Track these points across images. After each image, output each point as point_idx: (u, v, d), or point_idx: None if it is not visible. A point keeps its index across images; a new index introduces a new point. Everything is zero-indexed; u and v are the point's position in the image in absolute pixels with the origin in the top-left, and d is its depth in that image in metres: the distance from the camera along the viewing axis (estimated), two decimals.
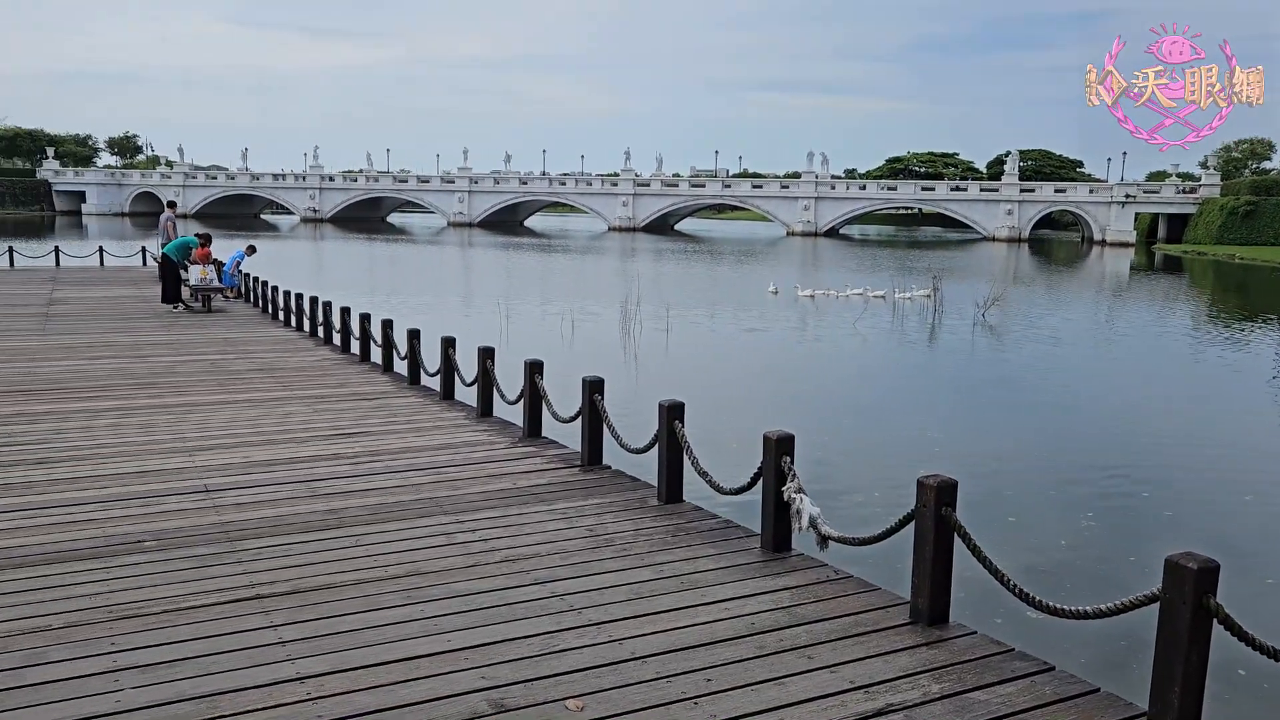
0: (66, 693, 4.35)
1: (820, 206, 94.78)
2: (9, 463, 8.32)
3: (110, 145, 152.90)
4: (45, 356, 14.22)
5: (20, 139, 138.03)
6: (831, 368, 20.75)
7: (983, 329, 26.39)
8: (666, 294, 32.62)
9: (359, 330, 14.52)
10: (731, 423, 13.50)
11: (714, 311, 29.86)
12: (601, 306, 29.22)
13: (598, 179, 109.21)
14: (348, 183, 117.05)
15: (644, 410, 10.11)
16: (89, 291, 24.18)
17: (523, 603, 5.43)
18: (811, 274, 44.92)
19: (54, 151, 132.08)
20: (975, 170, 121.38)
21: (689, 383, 16.39)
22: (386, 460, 8.58)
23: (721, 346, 23.17)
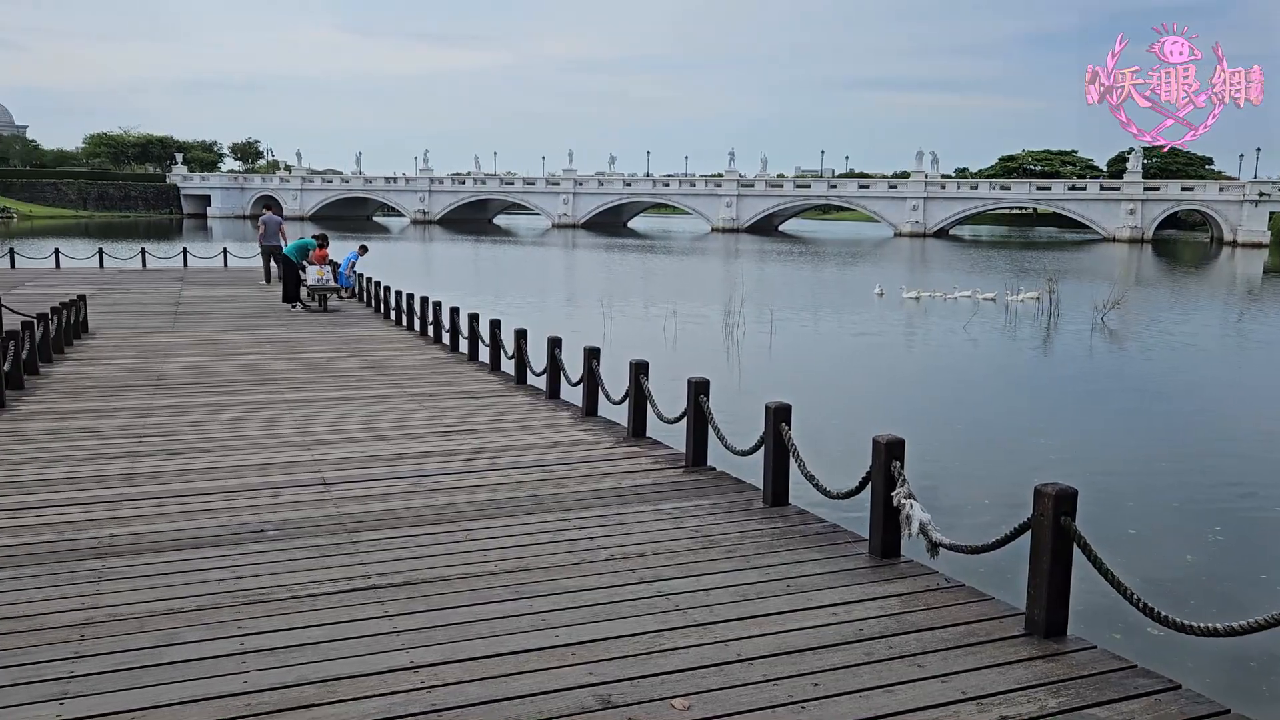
0: (198, 672, 4.56)
1: (929, 206, 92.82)
2: (143, 453, 8.78)
3: (234, 150, 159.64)
4: (175, 353, 14.93)
5: (152, 145, 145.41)
6: (940, 371, 20.28)
7: (1102, 333, 25.44)
8: (770, 295, 32.42)
9: (467, 330, 14.84)
10: (836, 426, 13.34)
11: (818, 313, 29.54)
12: (704, 308, 29.19)
13: (701, 180, 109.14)
14: (456, 185, 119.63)
15: (748, 412, 10.07)
16: (214, 291, 25.30)
17: (628, 601, 5.47)
18: (919, 275, 44.00)
19: (182, 157, 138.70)
20: (1095, 168, 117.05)
21: (792, 385, 16.24)
22: (494, 457, 8.74)
23: (826, 349, 22.89)
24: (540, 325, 15.28)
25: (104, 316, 19.08)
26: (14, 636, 4.91)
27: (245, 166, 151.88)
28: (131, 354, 14.78)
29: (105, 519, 6.85)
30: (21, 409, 10.67)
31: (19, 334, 12.49)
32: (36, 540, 6.39)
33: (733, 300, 26.61)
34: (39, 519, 6.83)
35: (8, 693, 4.33)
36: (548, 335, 11.88)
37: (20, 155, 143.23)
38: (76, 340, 16.00)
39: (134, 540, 6.42)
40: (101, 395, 11.54)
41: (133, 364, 13.85)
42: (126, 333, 17.14)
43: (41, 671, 4.53)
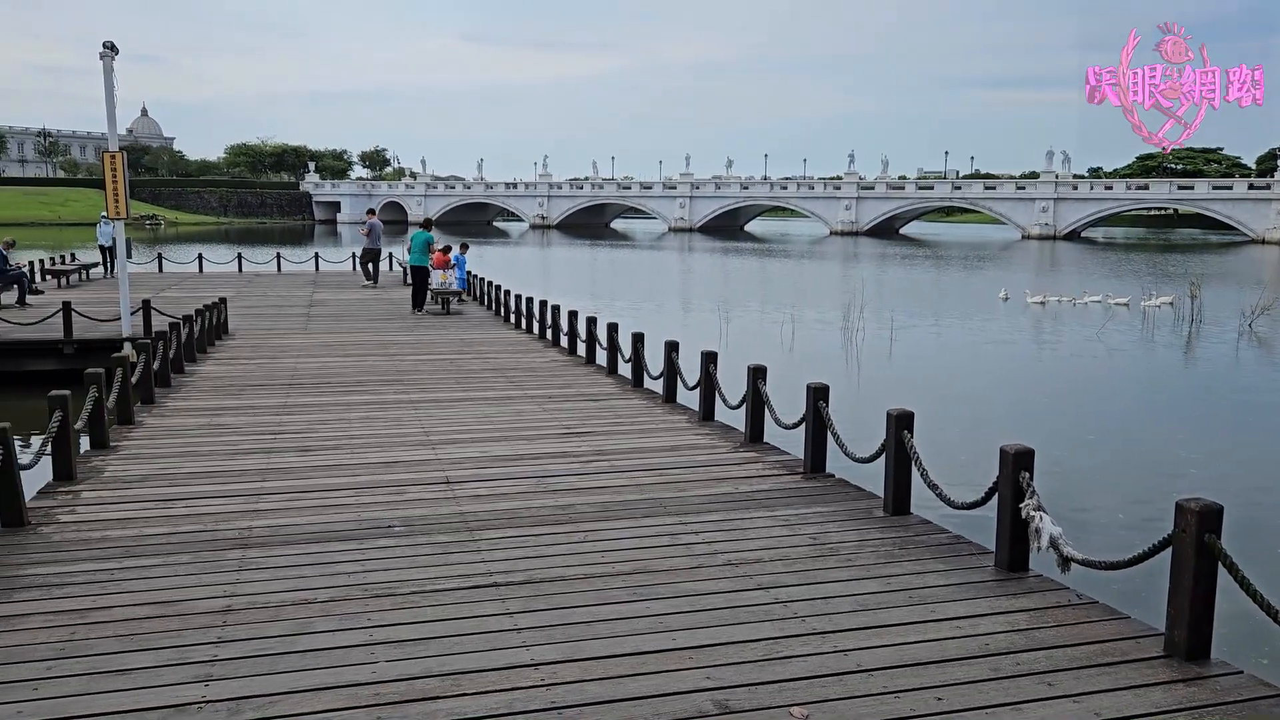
0: (330, 661, 4.75)
1: (1059, 208, 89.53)
2: (278, 449, 9.18)
3: (362, 159, 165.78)
4: (308, 353, 15.56)
5: (287, 155, 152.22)
6: (1070, 379, 19.50)
7: (1250, 340, 24.05)
8: (890, 300, 31.79)
9: (585, 333, 15.02)
10: (959, 435, 13.00)
11: (940, 318, 28.81)
12: (822, 312, 28.82)
13: (820, 182, 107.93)
14: (574, 190, 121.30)
15: (867, 419, 9.89)
16: (343, 294, 26.27)
17: (746, 607, 5.44)
18: (1046, 279, 42.43)
19: (314, 166, 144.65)
20: (1242, 166, 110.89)
21: (914, 392, 15.88)
22: (612, 460, 8.82)
23: (948, 355, 22.30)
24: (657, 329, 15.34)
25: (242, 318, 20.04)
26: (165, 620, 5.20)
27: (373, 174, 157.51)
28: (268, 354, 15.47)
29: (245, 511, 7.19)
30: (168, 405, 11.29)
31: (167, 335, 13.24)
32: (183, 530, 6.75)
33: (852, 305, 26.19)
34: (185, 510, 7.21)
35: (160, 672, 4.59)
36: (665, 339, 11.92)
37: (168, 165, 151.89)
38: (218, 341, 16.84)
39: (271, 533, 6.72)
40: (240, 393, 12.12)
41: (269, 364, 14.50)
42: (263, 334, 17.96)
43: (189, 654, 4.79)
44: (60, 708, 4.25)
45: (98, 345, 16.34)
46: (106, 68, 15.78)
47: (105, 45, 15.79)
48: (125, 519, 7.00)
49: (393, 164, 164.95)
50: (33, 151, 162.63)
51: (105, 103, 15.92)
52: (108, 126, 16.33)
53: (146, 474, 8.25)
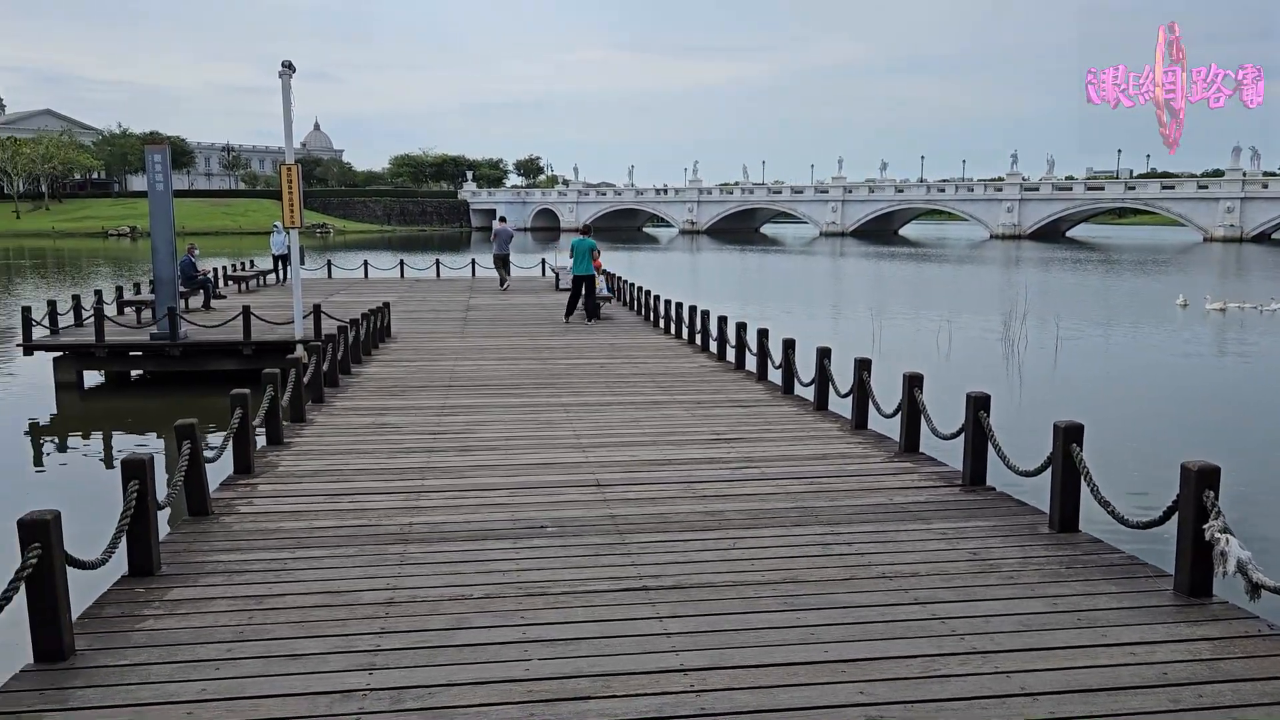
0: (485, 656, 4.86)
1: (1247, 208, 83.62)
2: (438, 449, 9.50)
3: (518, 167, 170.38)
4: (465, 357, 16.07)
5: (446, 164, 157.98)
6: (1257, 392, 18.15)
7: None
8: (1055, 307, 30.39)
9: (735, 338, 14.95)
10: (1132, 450, 12.30)
11: (1110, 326, 27.34)
12: (982, 319, 27.81)
13: (980, 184, 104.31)
14: (723, 195, 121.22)
15: (1030, 431, 9.48)
16: (498, 299, 27.02)
17: (901, 621, 5.28)
18: (1231, 285, 39.66)
19: (472, 175, 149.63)
20: None
21: (1081, 403, 15.12)
22: (762, 467, 8.73)
23: (1119, 365, 21.12)
24: (807, 335, 15.13)
25: (404, 322, 20.88)
26: (332, 609, 5.45)
27: (527, 182, 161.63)
28: (428, 357, 16.06)
29: (406, 508, 7.46)
30: (336, 405, 11.86)
31: (336, 338, 13.92)
32: (350, 524, 7.07)
33: (1013, 312, 25.16)
34: (352, 505, 7.55)
35: (327, 659, 4.81)
36: (816, 345, 11.74)
37: (337, 177, 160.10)
38: (381, 343, 17.60)
39: (430, 529, 6.95)
40: (402, 394, 12.61)
41: (429, 366, 15.05)
42: (423, 337, 18.66)
43: (354, 643, 5.00)
44: (238, 688, 4.51)
45: (273, 347, 17.35)
46: (285, 85, 16.75)
47: (284, 65, 16.76)
48: (297, 511, 7.39)
49: (546, 172, 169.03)
50: (217, 165, 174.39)
51: (283, 118, 16.92)
52: (285, 141, 17.33)
53: (317, 469, 8.68)
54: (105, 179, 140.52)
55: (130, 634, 5.11)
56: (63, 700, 4.40)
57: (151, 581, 5.85)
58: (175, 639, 5.05)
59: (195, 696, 4.42)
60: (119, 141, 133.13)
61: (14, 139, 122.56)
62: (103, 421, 15.84)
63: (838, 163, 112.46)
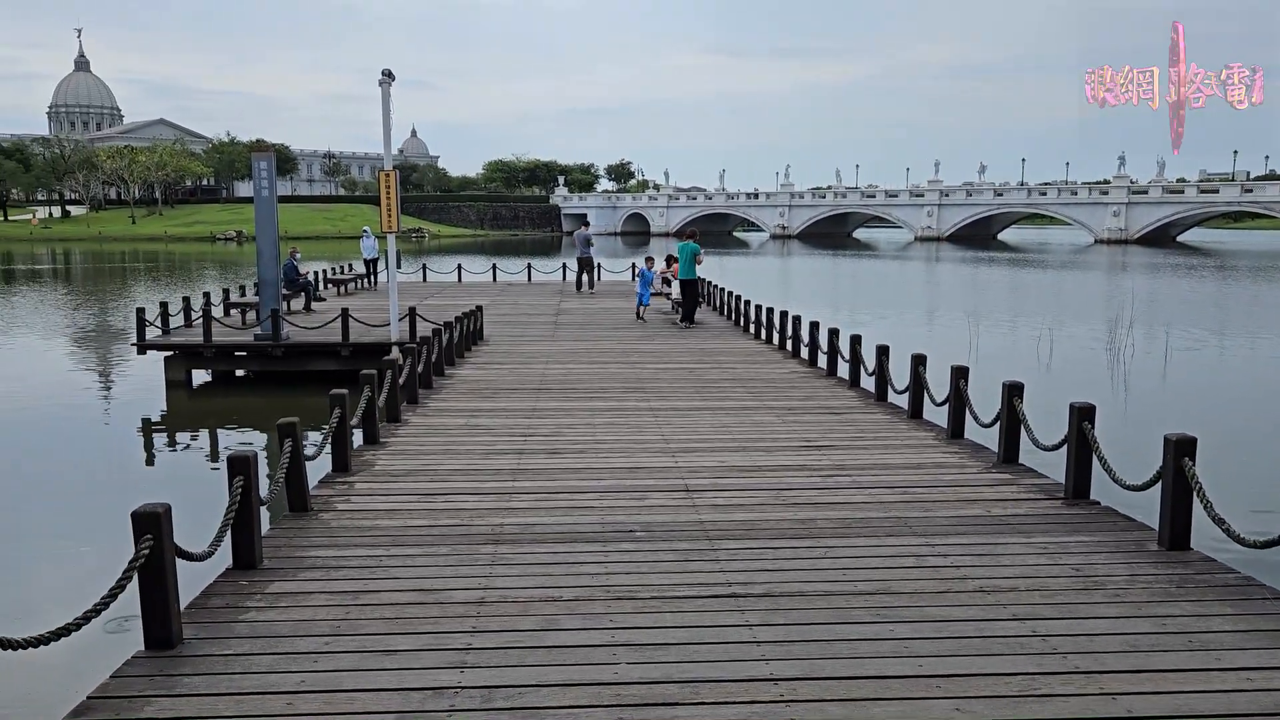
0: (574, 658, 4.88)
1: None
2: (529, 450, 9.59)
3: (608, 172, 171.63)
4: (555, 360, 16.22)
5: (538, 170, 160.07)
6: None
7: None
8: (1164, 315, 29.25)
9: (826, 344, 14.76)
10: (1245, 466, 11.75)
11: (1224, 336, 26.17)
12: (1085, 327, 26.92)
13: (1084, 187, 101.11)
14: (815, 199, 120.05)
15: (1136, 443, 9.14)
16: (588, 304, 27.21)
17: (999, 638, 5.12)
18: None
19: (563, 180, 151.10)
20: None
21: (1191, 416, 14.51)
22: (854, 475, 8.59)
23: (1234, 376, 20.20)
24: (901, 341, 14.84)
25: (496, 325, 21.18)
26: (425, 607, 5.54)
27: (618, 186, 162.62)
28: (519, 360, 16.26)
29: (497, 509, 7.55)
30: (430, 405, 12.08)
31: (430, 340, 14.19)
32: (443, 524, 7.18)
33: (1118, 320, 24.29)
34: (445, 504, 7.67)
35: (421, 656, 4.89)
36: (911, 352, 11.51)
37: (432, 182, 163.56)
38: (474, 346, 17.88)
39: (521, 530, 7.02)
40: (494, 396, 12.78)
41: (520, 369, 15.23)
42: (514, 340, 18.90)
43: (446, 641, 5.07)
44: (335, 681, 4.61)
45: (370, 348, 17.78)
46: (384, 94, 17.16)
47: (384, 73, 17.18)
48: (392, 510, 7.54)
49: (637, 176, 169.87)
50: (319, 172, 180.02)
51: (382, 126, 17.34)
52: (383, 147, 17.75)
53: (411, 469, 8.85)
54: (214, 185, 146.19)
55: (234, 625, 5.28)
56: (171, 686, 4.56)
57: (254, 575, 6.04)
58: (276, 631, 5.20)
59: (294, 688, 4.54)
60: (227, 149, 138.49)
61: (131, 148, 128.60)
62: (209, 419, 16.45)
63: (934, 166, 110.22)
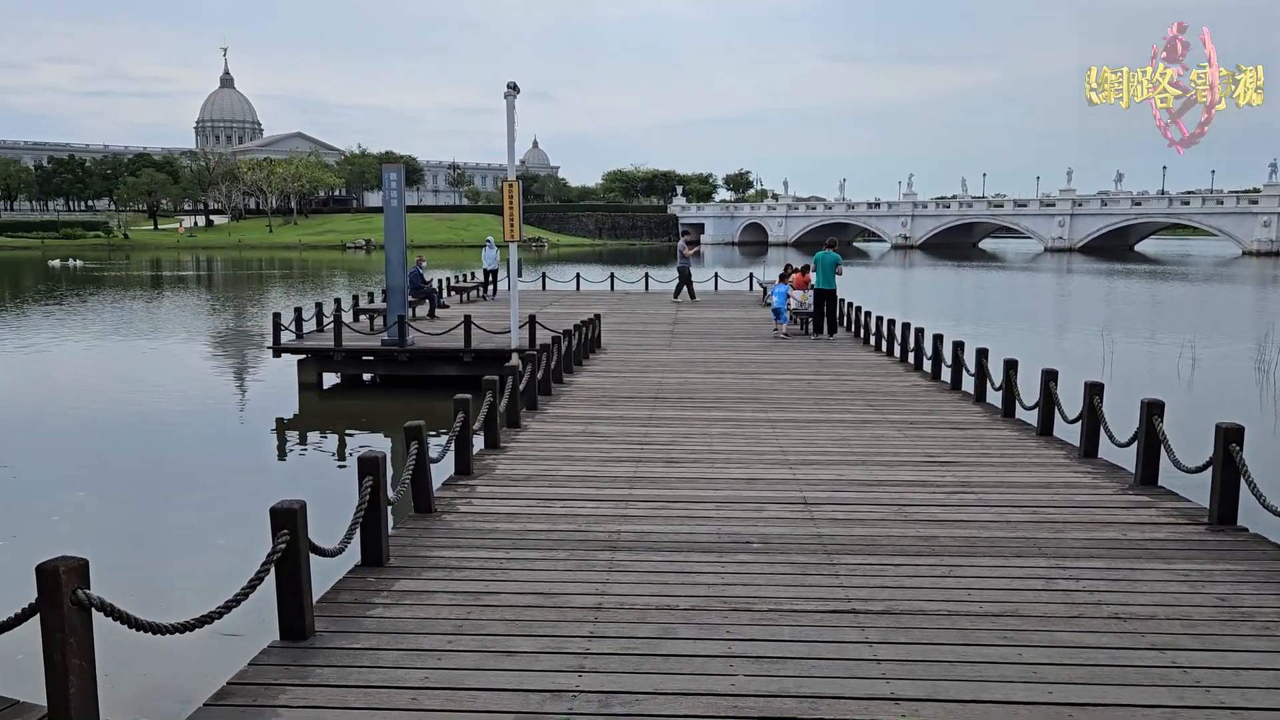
0: (691, 668, 4.87)
1: None
2: (645, 459, 9.63)
3: (727, 181, 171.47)
4: (672, 369, 16.24)
5: (656, 180, 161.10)
6: None
7: None
8: None
9: (951, 358, 14.37)
10: None
11: None
12: (1231, 343, 25.51)
13: (1230, 196, 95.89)
14: (939, 209, 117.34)
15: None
16: (705, 313, 27.17)
17: (1136, 668, 4.88)
18: None
19: (681, 189, 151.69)
20: None
21: None
22: (979, 493, 8.33)
23: None
24: (1030, 356, 14.33)
25: (613, 334, 21.35)
26: (544, 610, 5.62)
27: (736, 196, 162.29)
28: (636, 368, 16.35)
29: (615, 516, 7.60)
30: (549, 412, 12.26)
31: (549, 348, 14.41)
32: (561, 529, 7.27)
33: (1268, 336, 22.93)
34: (563, 510, 7.77)
35: (539, 658, 4.96)
36: (1041, 367, 11.10)
37: (552, 192, 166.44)
38: (591, 354, 18.07)
39: (638, 538, 7.05)
40: (611, 404, 12.89)
41: (636, 377, 15.31)
42: (631, 349, 19.01)
43: (564, 644, 5.13)
44: (457, 679, 4.72)
45: (491, 355, 18.18)
46: (509, 106, 17.54)
47: (509, 86, 17.57)
48: (512, 513, 7.67)
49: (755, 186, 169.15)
50: (444, 182, 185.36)
51: (506, 137, 17.72)
52: (507, 158, 18.13)
53: (530, 474, 8.99)
54: (345, 196, 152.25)
55: (362, 619, 5.46)
56: (304, 676, 4.75)
57: (381, 572, 6.23)
58: (401, 627, 5.35)
59: (419, 683, 4.66)
60: (358, 161, 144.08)
61: (270, 160, 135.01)
62: (337, 420, 17.08)
63: (1066, 174, 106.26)
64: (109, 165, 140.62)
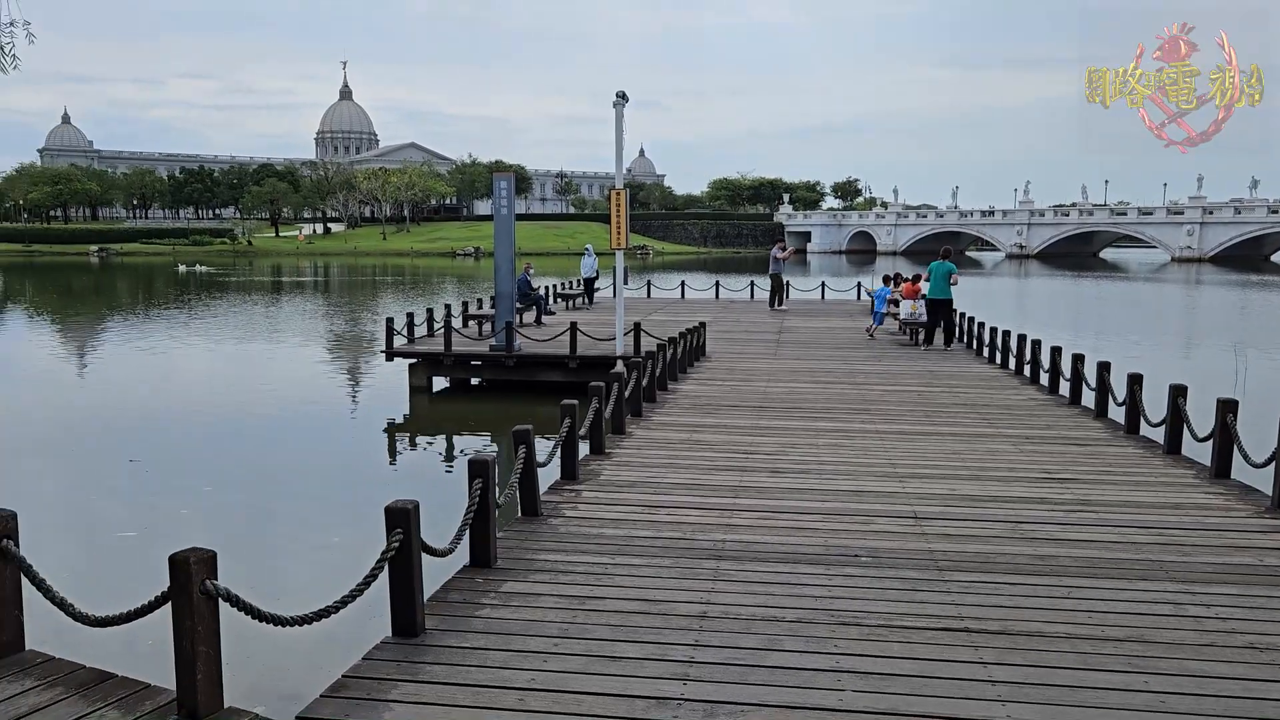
0: (797, 680, 4.79)
1: None
2: (750, 468, 9.55)
3: (834, 190, 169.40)
4: (777, 378, 16.09)
5: (763, 188, 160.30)
6: None
7: None
8: None
9: (1070, 371, 13.86)
10: None
11: None
12: None
13: None
14: (1058, 217, 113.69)
15: None
16: (812, 322, 26.86)
17: (1275, 701, 4.60)
18: None
19: (788, 197, 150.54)
20: None
21: None
22: (1100, 512, 7.99)
23: None
24: (1156, 370, 13.73)
25: (718, 342, 21.27)
26: (648, 617, 5.61)
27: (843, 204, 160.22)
28: (740, 377, 16.24)
29: (719, 524, 7.55)
30: (653, 419, 12.27)
31: (654, 355, 14.44)
32: (665, 536, 7.26)
33: None
34: (668, 517, 7.76)
35: (644, 664, 4.95)
36: (1169, 383, 10.61)
37: (658, 200, 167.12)
38: (696, 362, 18.03)
39: (742, 548, 6.99)
40: (715, 412, 12.82)
41: (741, 386, 15.21)
42: (736, 357, 18.90)
43: (668, 652, 5.11)
44: (562, 681, 4.75)
45: (595, 361, 18.30)
46: (618, 114, 17.67)
47: (618, 95, 17.70)
48: (617, 519, 7.70)
49: (864, 194, 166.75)
50: (551, 191, 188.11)
51: (615, 145, 17.85)
52: (615, 167, 18.28)
53: (635, 480, 9.01)
54: (455, 204, 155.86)
55: (471, 619, 5.55)
56: (415, 673, 4.85)
57: (489, 573, 6.32)
58: (508, 629, 5.41)
59: (525, 685, 4.71)
60: (468, 170, 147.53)
61: (384, 169, 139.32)
62: (445, 423, 17.46)
63: (1197, 181, 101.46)
64: (235, 175, 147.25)
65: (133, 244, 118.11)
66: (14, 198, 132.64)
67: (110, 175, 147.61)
